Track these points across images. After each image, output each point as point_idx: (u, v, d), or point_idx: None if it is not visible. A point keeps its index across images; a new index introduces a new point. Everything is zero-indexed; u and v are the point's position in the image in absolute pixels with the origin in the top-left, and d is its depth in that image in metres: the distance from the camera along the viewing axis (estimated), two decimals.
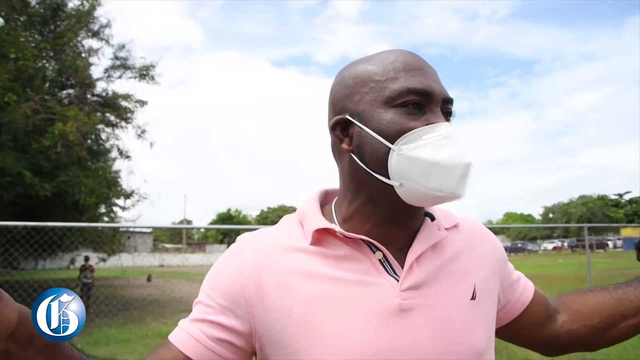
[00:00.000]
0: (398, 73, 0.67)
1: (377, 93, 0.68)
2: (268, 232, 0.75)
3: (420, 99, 0.66)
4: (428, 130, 0.64)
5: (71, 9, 11.61)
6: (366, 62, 0.71)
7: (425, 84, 0.66)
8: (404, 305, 0.65)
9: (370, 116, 0.67)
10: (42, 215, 9.80)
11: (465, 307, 0.69)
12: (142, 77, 13.04)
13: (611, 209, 54.07)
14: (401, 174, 0.64)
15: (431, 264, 0.70)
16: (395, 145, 0.64)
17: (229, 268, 0.70)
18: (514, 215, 75.94)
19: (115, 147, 13.25)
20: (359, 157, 0.69)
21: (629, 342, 3.76)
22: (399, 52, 0.70)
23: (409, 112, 0.66)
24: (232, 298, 0.67)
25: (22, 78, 9.35)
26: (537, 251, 43.93)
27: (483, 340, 0.70)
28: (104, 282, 17.77)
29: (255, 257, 0.69)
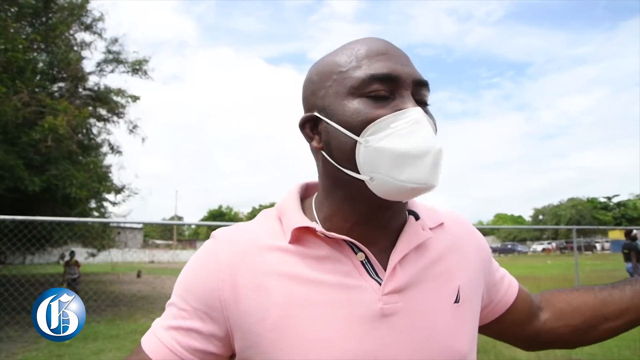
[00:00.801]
0: (361, 61, 0.64)
1: (340, 84, 0.64)
2: (245, 228, 0.70)
3: (387, 85, 0.62)
4: (396, 117, 0.60)
5: (64, 1, 11.47)
6: (331, 54, 0.69)
7: (391, 67, 0.63)
8: (385, 310, 0.62)
9: (335, 109, 0.64)
10: (31, 209, 9.68)
11: (449, 311, 0.67)
12: (134, 71, 12.93)
13: (600, 212, 54.67)
14: (370, 167, 0.61)
15: (415, 266, 0.67)
16: (362, 137, 0.61)
17: (203, 268, 0.66)
18: (505, 216, 76.55)
19: (107, 142, 13.15)
20: (328, 154, 0.66)
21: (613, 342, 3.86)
22: (364, 40, 0.67)
23: (374, 101, 0.62)
24: (206, 301, 0.63)
25: (11, 69, 9.21)
26: (526, 252, 44.35)
27: (466, 344, 0.68)
28: (93, 278, 17.61)
29: (231, 257, 0.65)
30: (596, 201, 58.03)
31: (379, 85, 0.62)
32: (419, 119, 0.60)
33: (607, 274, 14.23)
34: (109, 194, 13.18)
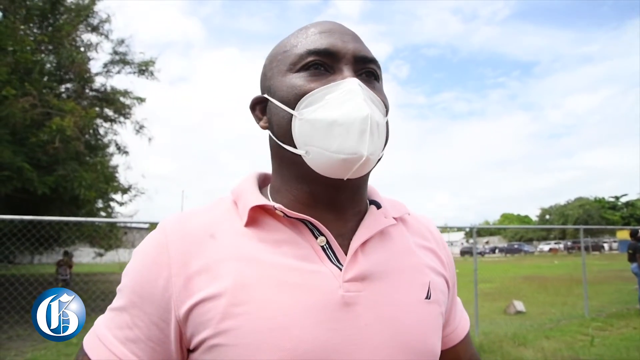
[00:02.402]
0: (303, 40, 0.64)
1: (282, 63, 0.65)
2: (196, 214, 0.65)
3: (324, 59, 0.62)
4: (330, 89, 0.59)
5: (71, 2, 11.54)
6: (281, 40, 0.69)
7: (329, 43, 0.62)
8: (347, 298, 0.57)
9: (276, 87, 0.64)
10: (38, 210, 9.77)
11: (420, 305, 0.62)
12: (141, 72, 12.99)
13: (608, 212, 54.17)
14: (305, 140, 0.59)
15: (379, 254, 0.63)
16: (296, 110, 0.60)
17: (153, 264, 0.59)
18: (511, 216, 76.06)
19: (114, 142, 13.22)
20: (271, 132, 0.66)
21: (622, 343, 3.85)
22: (312, 23, 0.68)
23: (311, 74, 0.61)
24: (159, 303, 0.57)
25: (19, 71, 9.30)
26: (533, 252, 44.05)
27: (438, 344, 0.64)
28: (100, 277, 17.71)
29: (182, 247, 0.59)
30: (604, 201, 57.51)
31: (314, 59, 0.61)
32: (352, 89, 0.58)
33: (615, 274, 14.10)
34: (115, 194, 13.27)
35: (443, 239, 0.77)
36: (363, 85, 0.60)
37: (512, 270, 18.34)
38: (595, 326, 6.85)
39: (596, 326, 6.87)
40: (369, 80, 0.64)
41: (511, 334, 6.32)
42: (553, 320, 7.59)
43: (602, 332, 6.52)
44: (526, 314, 8.43)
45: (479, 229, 8.48)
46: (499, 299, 9.53)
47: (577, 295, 9.44)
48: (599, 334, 6.29)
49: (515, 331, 6.49)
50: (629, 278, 11.39)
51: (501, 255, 42.42)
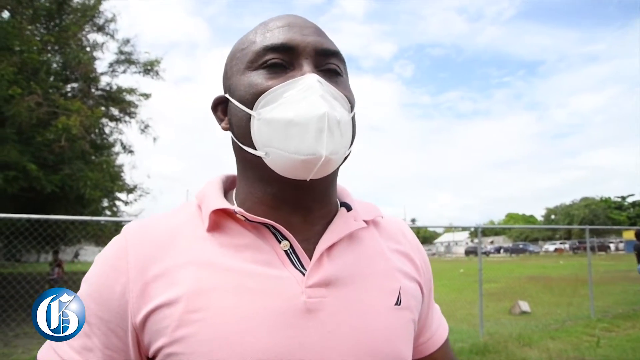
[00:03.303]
0: (261, 36, 0.61)
1: (240, 61, 0.62)
2: (159, 219, 0.63)
3: (282, 55, 0.59)
4: (288, 86, 0.56)
5: (77, 2, 11.62)
6: (241, 37, 0.67)
7: (288, 37, 0.59)
8: (309, 304, 0.55)
9: (235, 86, 0.62)
10: (45, 209, 9.85)
11: (389, 312, 0.60)
12: (146, 72, 13.05)
13: (614, 212, 53.84)
14: (264, 141, 0.56)
15: (346, 258, 0.60)
16: (254, 110, 0.57)
17: (112, 270, 0.57)
18: (516, 216, 75.73)
19: (119, 142, 13.30)
20: (232, 133, 0.63)
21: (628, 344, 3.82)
22: (271, 18, 0.65)
23: (269, 72, 0.58)
24: (116, 308, 0.55)
25: (26, 71, 9.37)
26: (538, 252, 43.84)
27: (407, 351, 0.61)
28: None
29: (141, 252, 0.57)
30: (610, 201, 57.18)
31: (272, 56, 0.59)
32: (310, 84, 0.55)
33: (621, 275, 14.01)
34: (121, 193, 13.35)
35: (419, 243, 0.74)
36: (323, 80, 0.57)
37: (517, 270, 18.25)
38: (602, 327, 6.81)
39: (602, 327, 6.83)
40: (330, 76, 0.61)
41: (516, 334, 6.30)
42: (558, 321, 7.56)
43: (608, 333, 6.48)
44: (531, 314, 8.39)
45: (484, 228, 8.44)
46: (504, 299, 9.49)
47: (583, 295, 9.38)
48: (605, 335, 6.25)
49: (520, 331, 6.46)
50: (636, 279, 11.31)
51: (506, 255, 42.25)
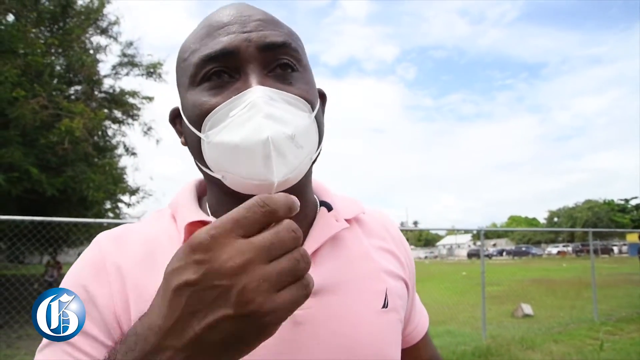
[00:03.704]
0: (199, 42, 0.56)
1: (183, 75, 0.58)
2: (133, 230, 0.60)
3: (223, 64, 0.53)
4: (232, 104, 0.51)
5: (80, 6, 11.69)
6: (185, 39, 0.61)
7: (226, 42, 0.53)
8: (296, 317, 0.53)
9: (183, 103, 0.58)
10: (48, 211, 9.87)
11: (376, 316, 0.59)
12: (149, 74, 13.10)
13: (617, 214, 53.62)
14: (217, 165, 0.53)
15: (330, 264, 0.58)
16: (203, 133, 0.53)
17: (94, 282, 0.54)
18: (519, 218, 75.56)
19: (122, 144, 13.35)
20: (189, 150, 0.59)
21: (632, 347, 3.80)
22: (211, 15, 0.59)
23: (213, 87, 0.54)
24: (106, 322, 0.52)
25: (30, 73, 9.43)
26: (541, 255, 43.67)
27: (397, 354, 0.61)
28: None
29: (120, 265, 0.55)
30: (613, 203, 56.97)
31: (217, 68, 0.54)
32: (254, 102, 0.50)
33: (624, 278, 13.94)
34: (124, 196, 13.38)
35: (401, 236, 0.72)
36: (270, 91, 0.52)
37: (520, 273, 18.17)
38: (605, 330, 6.78)
39: (606, 330, 6.79)
40: (283, 74, 0.56)
41: (519, 337, 6.27)
42: (562, 324, 7.52)
43: (612, 337, 6.45)
44: (534, 317, 8.36)
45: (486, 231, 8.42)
46: (507, 302, 9.45)
47: (586, 298, 9.34)
48: (609, 339, 6.22)
49: (523, 335, 6.44)
50: (639, 282, 11.24)
51: (509, 258, 42.08)
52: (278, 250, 0.36)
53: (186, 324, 0.36)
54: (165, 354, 0.37)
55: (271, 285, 0.35)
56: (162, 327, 0.37)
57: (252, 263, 0.35)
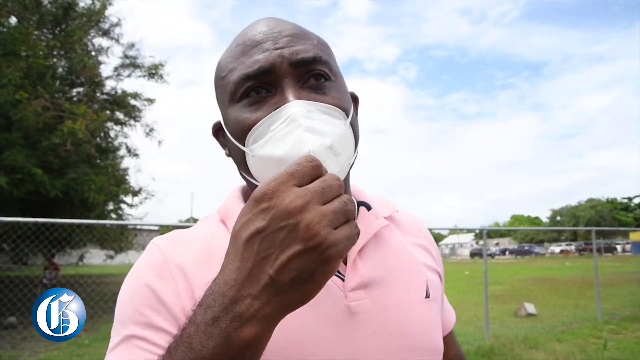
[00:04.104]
0: (236, 61, 0.60)
1: (223, 92, 0.62)
2: (187, 234, 0.63)
3: (260, 81, 0.57)
4: (272, 118, 0.55)
5: (82, 8, 11.72)
6: (223, 53, 0.65)
7: (262, 61, 0.57)
8: (353, 307, 0.57)
9: (225, 119, 0.62)
10: (51, 212, 9.89)
11: (421, 306, 0.63)
12: (151, 76, 13.13)
13: (620, 213, 53.40)
14: (262, 176, 0.57)
15: (377, 259, 0.63)
16: (247, 147, 0.58)
17: (159, 281, 0.56)
18: (521, 217, 75.37)
19: (124, 145, 13.37)
20: (235, 163, 0.64)
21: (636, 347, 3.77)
22: (243, 32, 0.63)
23: (252, 102, 0.58)
24: (174, 315, 0.54)
25: (32, 76, 9.45)
26: (544, 254, 43.56)
27: (441, 341, 0.65)
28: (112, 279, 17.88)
29: (182, 265, 0.57)
30: (616, 202, 56.76)
31: (255, 85, 0.58)
32: (293, 116, 0.53)
33: (628, 277, 13.89)
34: (126, 197, 13.40)
35: (430, 234, 0.78)
36: (306, 104, 0.55)
37: (523, 272, 18.14)
38: (609, 329, 6.75)
39: (609, 329, 6.77)
40: (317, 85, 0.59)
41: (522, 336, 6.26)
42: (565, 323, 7.50)
43: (616, 336, 6.43)
44: (537, 316, 8.34)
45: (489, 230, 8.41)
46: (510, 301, 9.43)
47: (590, 297, 9.31)
48: (613, 337, 6.20)
49: (526, 334, 6.42)
50: None
51: (511, 257, 42.00)
52: (329, 194, 0.41)
53: (260, 269, 0.40)
54: (244, 302, 0.40)
55: (329, 221, 0.40)
56: (237, 279, 0.41)
57: (311, 203, 0.40)
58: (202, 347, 0.41)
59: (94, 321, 7.68)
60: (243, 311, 0.40)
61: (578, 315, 8.18)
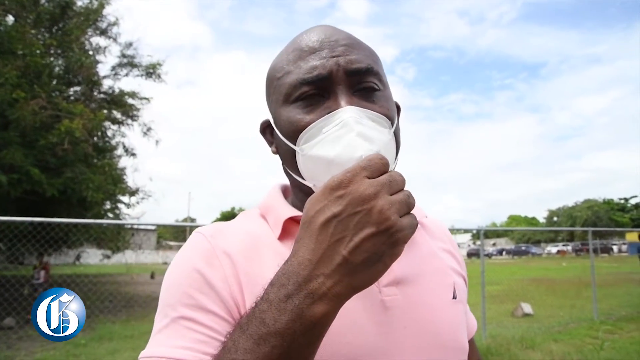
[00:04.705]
0: (294, 64, 0.63)
1: (278, 92, 0.65)
2: (229, 226, 0.66)
3: (316, 87, 0.61)
4: (325, 121, 0.59)
5: (80, 7, 11.68)
6: (277, 55, 0.68)
7: (320, 67, 0.61)
8: (387, 302, 0.60)
9: (277, 118, 0.65)
10: (47, 212, 9.86)
11: (449, 306, 0.66)
12: (148, 75, 13.10)
13: (617, 214, 53.62)
14: (310, 175, 0.61)
15: (408, 258, 0.65)
16: (298, 146, 0.61)
17: (207, 266, 0.58)
18: (518, 217, 75.52)
19: (121, 145, 13.33)
20: (281, 159, 0.67)
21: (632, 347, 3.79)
22: (300, 36, 0.66)
23: (306, 104, 0.61)
24: (222, 298, 0.56)
25: (29, 74, 9.41)
26: (540, 254, 43.68)
27: (466, 340, 0.68)
28: (108, 279, 17.85)
29: (227, 250, 0.60)
30: (613, 202, 56.98)
31: (311, 90, 0.61)
32: (346, 121, 0.57)
33: (624, 277, 13.95)
34: (123, 196, 13.36)
35: (454, 241, 0.81)
36: (357, 111, 0.58)
37: (520, 272, 18.19)
38: (605, 329, 6.78)
39: (605, 329, 6.80)
40: (367, 93, 0.62)
41: (519, 336, 6.27)
42: (561, 323, 7.53)
43: (612, 336, 6.45)
44: (534, 316, 8.36)
45: (486, 230, 8.43)
46: (507, 302, 9.46)
47: (586, 298, 9.34)
48: (609, 338, 6.22)
49: (523, 334, 6.44)
50: (639, 281, 11.24)
51: (508, 257, 42.08)
52: (395, 187, 0.46)
53: (334, 250, 0.44)
54: (318, 280, 0.44)
55: (397, 209, 0.44)
56: (312, 260, 0.45)
57: (381, 192, 0.45)
58: (275, 322, 0.44)
59: (90, 321, 7.66)
60: (316, 289, 0.43)
61: (574, 315, 8.21)
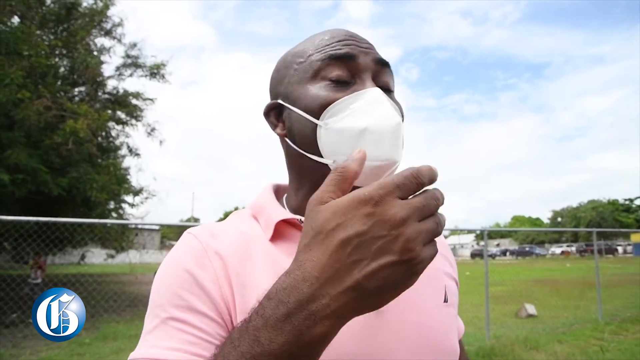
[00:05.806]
0: (320, 48, 0.65)
1: (302, 71, 0.65)
2: (220, 226, 0.65)
3: (346, 68, 0.62)
4: (354, 98, 0.60)
5: (85, 7, 11.74)
6: (295, 47, 0.70)
7: (347, 49, 0.63)
8: None
9: (297, 95, 0.64)
10: (52, 211, 9.91)
11: (440, 309, 0.65)
12: (152, 75, 13.14)
13: (622, 214, 53.29)
14: (332, 149, 0.59)
15: None
16: (322, 120, 0.60)
17: (197, 267, 0.57)
18: (522, 218, 75.27)
19: (125, 145, 13.38)
20: (291, 140, 0.65)
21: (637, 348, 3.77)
22: (328, 30, 0.68)
23: (334, 85, 0.62)
24: (212, 299, 0.55)
25: (34, 75, 9.47)
26: (544, 255, 43.48)
27: (457, 344, 0.67)
28: (113, 278, 17.92)
29: (220, 253, 0.59)
30: (617, 203, 56.63)
31: (338, 70, 0.62)
32: (376, 97, 0.59)
33: (629, 278, 13.86)
34: (127, 196, 13.41)
35: (447, 243, 0.80)
36: (386, 95, 0.61)
37: (524, 273, 18.10)
38: (610, 330, 6.75)
39: (610, 330, 6.76)
40: (387, 93, 0.65)
41: (523, 337, 6.25)
42: (566, 324, 7.49)
43: (617, 337, 6.42)
44: (538, 317, 8.33)
45: (489, 231, 8.40)
46: (511, 302, 9.42)
47: (590, 299, 9.30)
48: (613, 339, 6.20)
49: (527, 335, 6.41)
50: None
51: (512, 258, 41.91)
52: (426, 212, 0.42)
53: (347, 272, 0.40)
54: (322, 301, 0.40)
55: (422, 239, 0.41)
56: (319, 278, 0.41)
57: (411, 219, 0.40)
58: (270, 342, 0.41)
59: (94, 320, 7.70)
60: (319, 310, 0.40)
61: (579, 316, 8.17)
